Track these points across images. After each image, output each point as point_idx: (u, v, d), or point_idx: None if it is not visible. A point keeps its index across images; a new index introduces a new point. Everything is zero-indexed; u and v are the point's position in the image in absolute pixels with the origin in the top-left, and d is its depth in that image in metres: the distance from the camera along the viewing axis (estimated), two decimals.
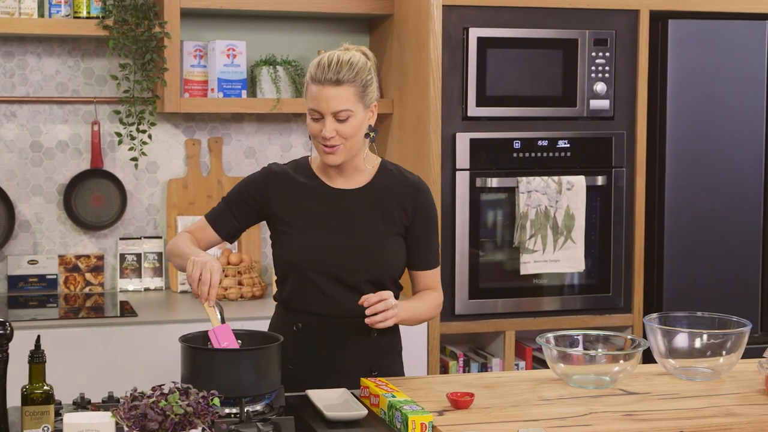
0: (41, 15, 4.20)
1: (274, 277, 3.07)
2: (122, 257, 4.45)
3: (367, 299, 2.78)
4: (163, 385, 2.20)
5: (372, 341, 2.94)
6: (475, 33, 4.13)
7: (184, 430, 2.10)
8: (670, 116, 4.35)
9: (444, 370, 4.28)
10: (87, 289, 4.43)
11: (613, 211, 4.33)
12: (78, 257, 4.43)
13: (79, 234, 4.45)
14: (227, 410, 2.54)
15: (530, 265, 4.21)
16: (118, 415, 2.11)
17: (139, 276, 4.46)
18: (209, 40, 4.40)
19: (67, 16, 4.18)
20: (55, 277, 4.40)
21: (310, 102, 2.84)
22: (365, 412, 2.57)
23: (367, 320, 2.78)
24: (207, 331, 2.68)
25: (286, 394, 2.73)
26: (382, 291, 2.81)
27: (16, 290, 4.36)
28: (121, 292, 4.42)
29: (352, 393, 2.73)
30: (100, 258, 4.45)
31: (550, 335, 2.93)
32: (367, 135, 2.92)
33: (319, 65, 2.83)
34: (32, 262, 4.38)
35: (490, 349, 4.38)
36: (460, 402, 2.61)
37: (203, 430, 2.15)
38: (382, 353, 3.00)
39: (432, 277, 3.06)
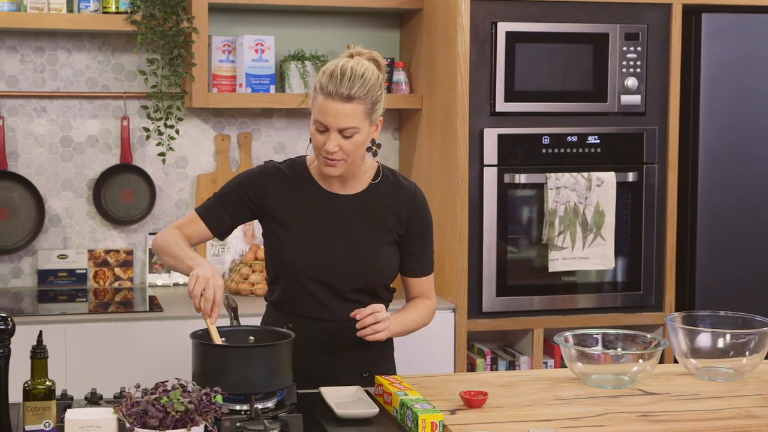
0: (70, 10, 4.21)
1: (266, 276, 3.03)
2: (151, 252, 4.46)
3: (358, 312, 2.77)
4: (167, 381, 2.19)
5: (363, 344, 2.88)
6: (503, 27, 4.09)
7: (185, 427, 2.08)
8: (703, 111, 4.29)
9: (471, 368, 4.25)
10: (116, 284, 4.44)
11: (644, 208, 4.27)
12: (107, 252, 4.44)
13: (108, 229, 4.46)
14: (238, 407, 2.53)
15: (559, 262, 4.16)
16: (119, 412, 2.11)
17: (168, 271, 4.46)
18: (238, 35, 4.39)
19: (96, 11, 4.19)
20: (84, 271, 4.42)
21: (316, 113, 2.77)
22: (376, 410, 2.55)
23: (358, 333, 2.77)
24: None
25: (300, 391, 2.72)
26: (374, 304, 2.80)
27: (46, 284, 4.38)
28: (150, 286, 4.43)
29: (366, 391, 2.71)
30: (130, 253, 4.46)
31: (568, 334, 2.89)
32: (369, 149, 2.88)
33: (332, 77, 2.74)
34: (62, 257, 4.39)
35: (519, 346, 4.34)
36: (473, 401, 2.58)
37: (206, 427, 2.14)
38: (374, 355, 2.97)
39: (425, 284, 3.02)
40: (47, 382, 2.24)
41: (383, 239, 2.91)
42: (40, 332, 2.27)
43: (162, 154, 4.38)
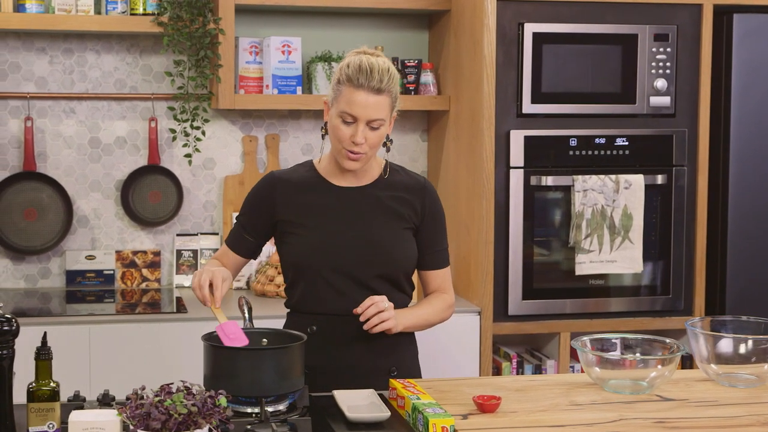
0: (98, 12, 4.23)
1: (283, 284, 3.03)
2: (179, 253, 4.47)
3: (360, 307, 2.77)
4: (172, 383, 2.18)
5: (388, 342, 2.89)
6: (530, 28, 4.05)
7: (188, 430, 2.07)
8: (735, 113, 4.23)
9: (497, 371, 4.22)
10: (143, 285, 4.45)
11: (673, 211, 4.22)
12: (135, 253, 4.45)
13: (136, 230, 4.47)
14: (249, 410, 2.52)
15: (586, 265, 4.12)
16: (124, 414, 2.10)
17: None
18: (265, 36, 4.38)
19: (124, 12, 4.21)
20: (112, 272, 4.43)
21: (343, 105, 2.78)
22: (388, 414, 2.52)
23: (365, 327, 2.77)
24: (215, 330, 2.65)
25: (314, 394, 2.71)
26: (374, 295, 2.80)
27: (74, 285, 4.40)
28: (177, 288, 4.44)
29: (380, 394, 2.69)
30: (157, 254, 4.47)
31: (586, 338, 2.84)
32: (384, 144, 2.90)
33: (360, 70, 2.77)
34: (90, 258, 4.41)
35: (545, 350, 4.30)
36: (486, 405, 2.55)
37: (210, 430, 2.12)
38: (399, 353, 2.95)
39: (442, 277, 3.01)
40: (52, 384, 2.24)
41: (399, 225, 2.91)
42: (45, 333, 2.27)
43: (188, 156, 4.39)
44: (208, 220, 4.53)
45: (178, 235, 4.48)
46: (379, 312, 2.76)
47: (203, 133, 4.38)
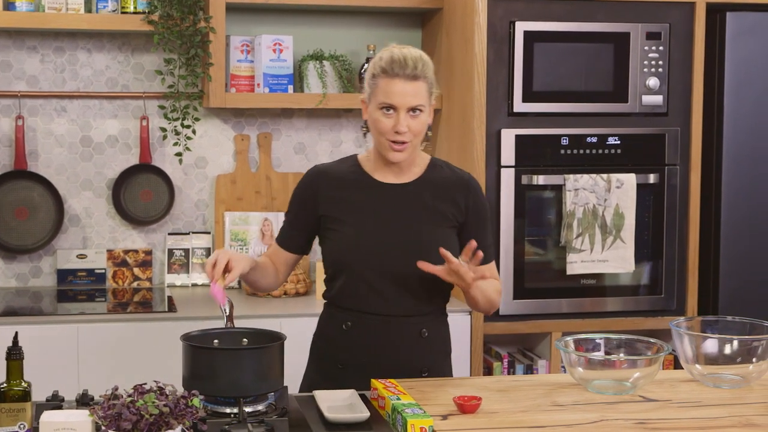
0: (88, 10, 4.22)
1: (323, 276, 3.02)
2: (170, 252, 4.46)
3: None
4: (145, 383, 2.17)
5: (422, 341, 2.89)
6: (521, 27, 4.03)
7: (159, 431, 2.06)
8: (728, 112, 4.20)
9: (488, 371, 4.20)
10: (135, 284, 4.44)
11: (666, 210, 4.20)
12: (126, 252, 4.44)
13: (127, 229, 4.46)
14: (228, 410, 2.51)
15: (577, 265, 4.10)
16: (95, 414, 2.09)
17: (187, 271, 4.45)
18: (256, 34, 4.37)
19: (114, 11, 4.19)
20: (103, 271, 4.42)
21: (382, 96, 2.80)
22: (367, 414, 2.51)
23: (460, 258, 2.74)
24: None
25: (300, 394, 2.70)
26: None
27: (65, 284, 4.39)
28: (168, 287, 4.43)
29: (362, 395, 2.68)
30: (149, 253, 4.46)
31: (569, 339, 2.83)
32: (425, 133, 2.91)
33: (393, 60, 2.79)
34: (81, 257, 4.40)
35: (537, 350, 4.29)
36: (466, 406, 2.54)
37: (183, 430, 2.11)
38: (433, 354, 2.94)
39: (489, 272, 2.98)
40: (23, 384, 2.23)
41: (442, 224, 2.90)
42: (16, 333, 2.26)
43: (179, 154, 4.38)
44: (200, 219, 4.52)
45: (169, 234, 4.47)
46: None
47: (194, 131, 4.37)
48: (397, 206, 2.89)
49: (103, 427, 2.08)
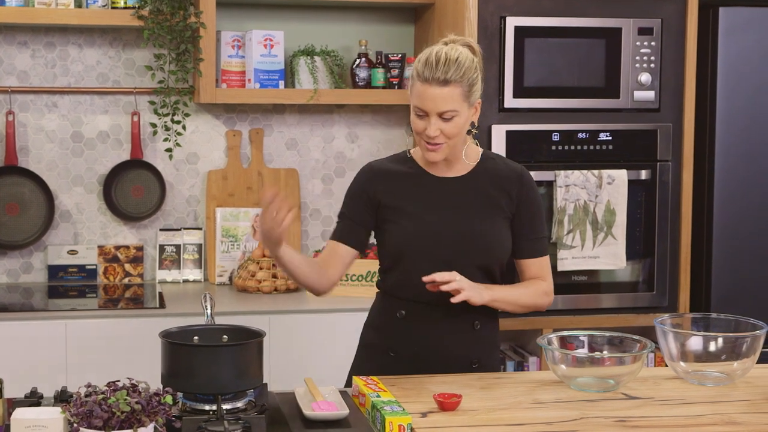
0: (78, 5, 4.20)
1: (377, 266, 3.03)
2: (162, 248, 4.45)
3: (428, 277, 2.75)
4: (119, 380, 2.15)
5: (474, 333, 2.91)
6: (512, 22, 4.01)
7: (131, 428, 2.05)
8: (720, 108, 4.18)
9: None
10: (126, 280, 4.43)
11: (657, 207, 4.18)
12: (118, 248, 4.43)
13: (119, 225, 4.45)
14: (207, 407, 2.49)
15: (568, 261, 4.08)
16: (67, 411, 2.07)
17: (179, 267, 4.44)
18: (247, 30, 4.35)
19: (105, 6, 4.18)
20: (94, 267, 4.41)
21: (415, 99, 2.81)
22: (346, 412, 2.49)
23: (442, 287, 2.73)
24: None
25: (277, 392, 2.69)
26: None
27: (56, 280, 4.38)
28: (159, 283, 4.42)
29: (342, 392, 2.67)
30: (140, 249, 4.45)
31: (552, 336, 2.82)
32: (468, 132, 2.90)
33: (427, 63, 2.79)
34: (72, 253, 4.39)
35: (529, 347, 4.27)
36: (446, 404, 2.52)
37: (155, 428, 2.10)
38: (483, 346, 2.95)
39: (539, 265, 2.98)
40: None
41: (495, 215, 2.90)
42: None
43: (169, 150, 4.36)
44: (191, 215, 4.51)
45: (161, 230, 4.46)
46: (449, 281, 2.73)
47: (184, 127, 4.36)
48: (453, 198, 2.91)
49: (74, 425, 2.06)
